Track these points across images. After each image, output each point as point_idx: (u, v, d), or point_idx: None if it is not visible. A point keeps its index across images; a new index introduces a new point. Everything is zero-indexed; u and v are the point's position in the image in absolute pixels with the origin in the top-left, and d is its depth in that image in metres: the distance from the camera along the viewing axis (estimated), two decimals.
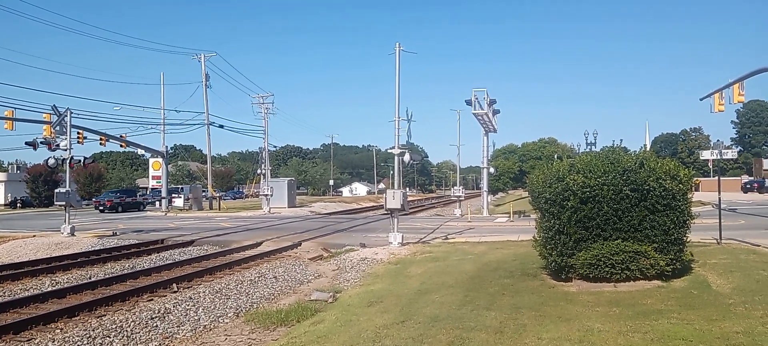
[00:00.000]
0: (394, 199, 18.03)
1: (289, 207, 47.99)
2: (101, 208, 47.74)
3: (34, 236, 23.36)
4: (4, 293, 12.84)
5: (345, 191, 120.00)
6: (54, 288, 12.96)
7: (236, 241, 21.77)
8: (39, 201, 59.20)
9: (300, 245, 20.27)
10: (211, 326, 9.98)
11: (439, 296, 9.73)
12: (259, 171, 47.95)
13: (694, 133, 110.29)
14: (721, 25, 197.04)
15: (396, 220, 18.56)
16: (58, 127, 25.08)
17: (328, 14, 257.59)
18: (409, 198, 26.57)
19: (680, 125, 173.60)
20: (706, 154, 18.17)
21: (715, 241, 15.21)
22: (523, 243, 16.11)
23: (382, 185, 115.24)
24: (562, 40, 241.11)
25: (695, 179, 10.48)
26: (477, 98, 31.34)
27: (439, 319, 7.95)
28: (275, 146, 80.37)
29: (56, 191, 25.05)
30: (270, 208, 43.07)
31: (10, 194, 65.86)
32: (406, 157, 20.03)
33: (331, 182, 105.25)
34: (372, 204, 60.87)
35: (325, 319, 9.21)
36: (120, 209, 47.55)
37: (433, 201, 76.60)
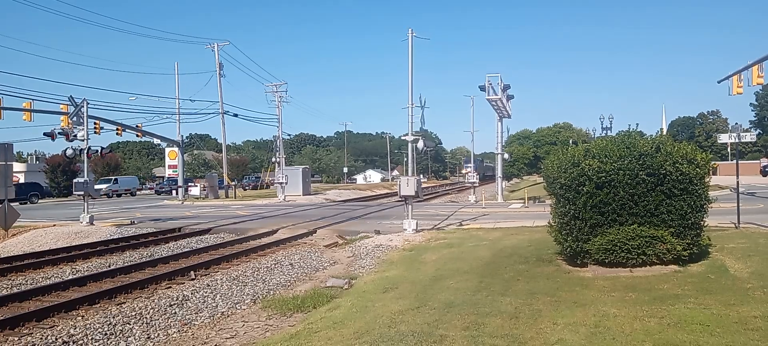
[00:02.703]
0: (408, 186, 18.06)
1: (303, 195, 48.21)
2: None
3: (54, 225, 23.74)
4: (27, 281, 13.11)
5: (359, 179, 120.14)
6: (75, 276, 13.20)
7: (252, 229, 21.96)
8: (58, 191, 60.08)
9: (315, 232, 20.40)
10: (229, 313, 10.11)
11: (454, 282, 9.76)
12: (273, 159, 48.21)
13: (711, 117, 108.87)
14: (740, 7, 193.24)
15: (410, 207, 18.59)
16: (75, 118, 25.41)
17: (341, 1, 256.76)
18: (423, 185, 26.59)
19: (697, 109, 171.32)
20: (724, 138, 17.94)
21: (733, 225, 15.05)
22: (538, 229, 16.07)
23: (396, 172, 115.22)
24: (576, 25, 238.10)
25: (713, 162, 10.38)
26: (491, 83, 31.11)
27: (454, 305, 7.98)
28: (289, 135, 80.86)
29: (75, 181, 25.42)
30: (285, 196, 43.32)
31: None
32: (420, 144, 20.01)
33: (345, 170, 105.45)
34: (386, 191, 60.96)
35: (341, 305, 9.28)
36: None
37: (447, 187, 76.51)
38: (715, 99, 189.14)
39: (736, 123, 17.15)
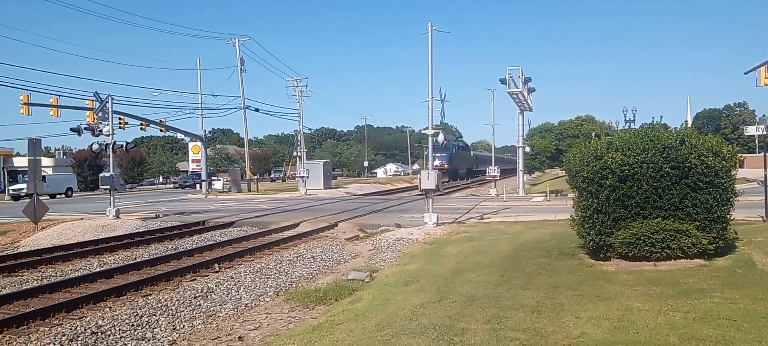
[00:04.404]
0: (428, 179, 18.05)
1: (324, 189, 48.45)
2: None
3: (82, 218, 24.23)
4: (57, 273, 13.43)
5: (379, 172, 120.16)
6: (102, 269, 13.47)
7: (274, 222, 22.16)
8: (84, 185, 61.28)
9: (336, 225, 20.50)
10: (253, 305, 10.24)
11: (476, 276, 9.76)
12: (295, 153, 48.52)
13: (738, 109, 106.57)
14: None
15: (431, 200, 18.58)
16: (100, 114, 25.86)
17: None
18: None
19: (724, 101, 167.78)
20: (751, 130, 17.60)
21: (760, 219, 14.79)
22: (560, 222, 15.95)
23: (416, 166, 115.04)
24: (599, 17, 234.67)
25: (739, 155, 10.19)
26: (512, 76, 30.88)
27: (476, 298, 7.98)
28: (310, 129, 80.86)
29: (101, 175, 25.95)
30: (306, 189, 43.58)
31: None
32: (440, 138, 19.97)
33: (366, 164, 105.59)
34: (406, 185, 60.91)
35: (362, 298, 9.35)
36: None
37: (468, 181, 76.17)
38: (741, 91, 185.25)
39: (764, 115, 16.82)
